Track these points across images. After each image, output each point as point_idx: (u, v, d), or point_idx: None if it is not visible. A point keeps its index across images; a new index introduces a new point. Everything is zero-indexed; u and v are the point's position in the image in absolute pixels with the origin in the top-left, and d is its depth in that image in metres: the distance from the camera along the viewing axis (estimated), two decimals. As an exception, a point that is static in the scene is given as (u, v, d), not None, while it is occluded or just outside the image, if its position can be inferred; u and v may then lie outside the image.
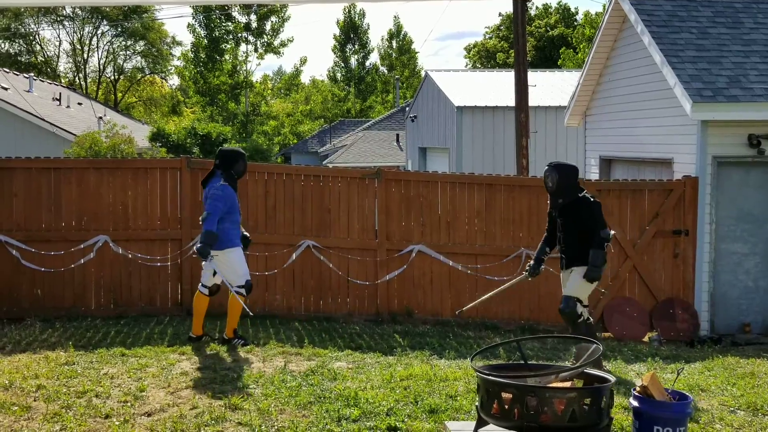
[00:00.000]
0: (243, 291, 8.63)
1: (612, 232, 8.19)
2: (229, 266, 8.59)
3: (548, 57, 54.62)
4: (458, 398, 6.78)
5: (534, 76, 24.39)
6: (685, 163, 12.19)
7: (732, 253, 11.97)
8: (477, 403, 5.49)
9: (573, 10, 60.27)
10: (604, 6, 15.80)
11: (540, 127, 22.68)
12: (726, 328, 11.88)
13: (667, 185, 11.81)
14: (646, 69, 13.35)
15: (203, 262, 8.70)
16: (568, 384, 5.48)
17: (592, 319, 8.45)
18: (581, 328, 8.12)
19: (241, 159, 8.77)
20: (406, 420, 6.18)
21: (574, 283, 8.12)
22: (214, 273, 8.74)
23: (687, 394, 5.54)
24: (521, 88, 16.41)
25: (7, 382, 6.97)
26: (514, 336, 10.31)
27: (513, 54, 19.56)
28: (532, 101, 19.16)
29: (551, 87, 25.75)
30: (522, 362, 5.97)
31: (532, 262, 8.69)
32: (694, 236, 11.71)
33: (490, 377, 5.35)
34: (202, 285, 8.88)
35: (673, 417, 5.30)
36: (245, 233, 8.96)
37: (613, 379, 5.42)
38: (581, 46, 46.12)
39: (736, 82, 11.90)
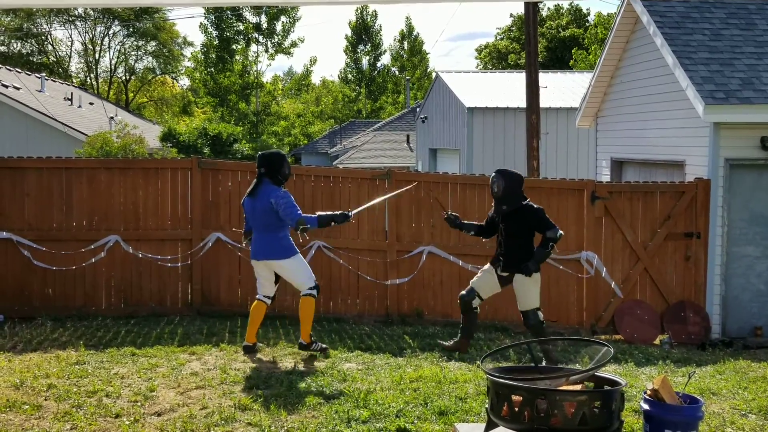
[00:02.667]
0: (315, 292, 8.46)
1: (561, 232, 8.49)
2: (298, 270, 8.42)
3: (559, 58, 54.50)
4: (468, 400, 6.76)
5: (545, 78, 24.35)
6: (697, 166, 12.14)
7: (744, 256, 11.92)
8: (487, 406, 5.47)
9: (585, 11, 60.10)
10: (618, 7, 15.75)
11: (551, 129, 22.63)
12: (737, 332, 11.83)
13: (678, 187, 11.76)
14: (659, 71, 13.31)
15: (257, 272, 8.52)
16: (578, 387, 5.46)
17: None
18: (546, 333, 8.66)
19: (285, 161, 8.49)
20: (415, 421, 6.17)
21: (526, 294, 8.48)
22: (276, 280, 8.57)
23: (698, 397, 5.51)
24: (532, 90, 16.38)
25: (18, 381, 7.00)
26: (525, 338, 10.27)
27: (524, 55, 19.53)
28: (544, 102, 19.14)
29: (562, 88, 25.70)
30: (532, 364, 5.95)
31: (460, 219, 9.04)
32: (706, 239, 11.66)
33: (500, 379, 5.33)
34: (265, 296, 8.57)
35: (684, 420, 5.27)
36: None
37: (623, 382, 5.40)
38: (593, 47, 46.00)
39: (749, 84, 11.85)
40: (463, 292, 8.81)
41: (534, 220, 8.43)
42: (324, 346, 8.65)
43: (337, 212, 8.52)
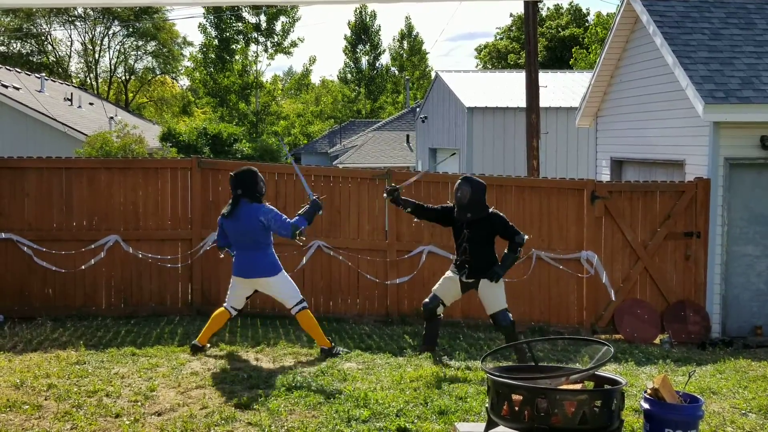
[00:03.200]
0: (305, 304, 8.43)
1: (526, 236, 8.61)
2: (285, 287, 8.40)
3: (559, 58, 54.49)
4: (468, 400, 6.77)
5: (545, 77, 24.35)
6: (696, 165, 12.14)
7: (744, 255, 11.92)
8: (487, 405, 5.47)
9: (585, 10, 60.08)
10: (617, 7, 15.75)
11: (551, 128, 22.63)
12: (737, 331, 11.83)
13: (678, 187, 11.76)
14: (658, 70, 13.31)
15: (236, 288, 8.41)
16: (578, 386, 5.46)
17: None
18: (517, 335, 8.67)
19: (259, 177, 8.37)
20: (415, 421, 6.18)
21: (495, 298, 8.50)
22: (247, 298, 8.53)
23: (698, 396, 5.51)
24: (532, 89, 16.39)
25: (18, 380, 7.00)
26: (525, 337, 10.28)
27: (524, 55, 19.54)
28: (543, 102, 19.14)
29: (562, 88, 25.70)
30: (533, 364, 5.95)
31: (401, 191, 9.03)
32: (706, 238, 11.66)
33: (500, 379, 5.34)
34: (233, 308, 8.48)
35: (684, 420, 5.27)
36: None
37: (623, 381, 5.40)
38: (593, 47, 46.01)
39: (748, 84, 11.85)
40: (426, 300, 8.75)
41: (500, 227, 8.50)
42: (343, 349, 8.74)
43: (307, 206, 8.38)
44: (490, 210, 8.58)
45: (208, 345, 8.55)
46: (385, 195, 8.98)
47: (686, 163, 12.51)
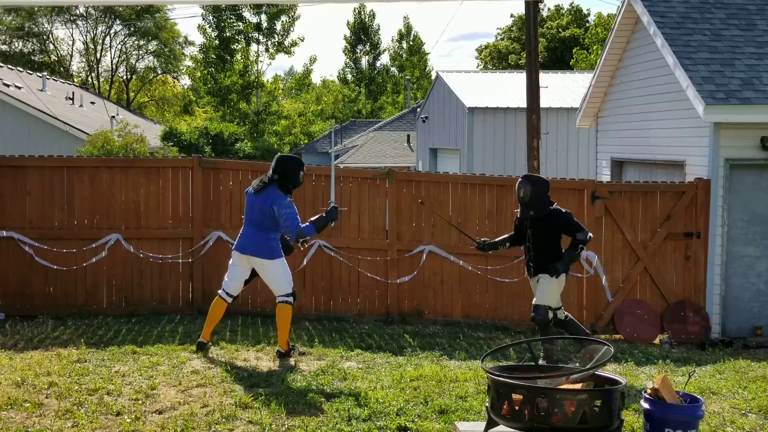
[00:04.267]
0: (291, 299, 8.36)
1: (590, 234, 8.54)
2: (280, 273, 8.32)
3: (560, 58, 54.49)
4: (468, 399, 6.78)
5: (546, 78, 24.36)
6: (697, 166, 12.15)
7: (744, 255, 11.93)
8: (487, 404, 5.49)
9: (585, 11, 60.09)
10: (618, 7, 15.78)
11: (551, 129, 22.63)
12: (737, 331, 11.84)
13: (679, 187, 11.77)
14: (659, 71, 13.32)
15: (234, 267, 8.38)
16: (578, 386, 5.47)
17: (570, 315, 8.85)
18: (551, 332, 8.60)
19: (302, 170, 8.27)
20: (416, 420, 6.19)
21: (544, 291, 8.49)
22: (246, 282, 8.53)
23: (698, 396, 5.52)
24: (533, 90, 16.38)
25: (19, 378, 7.01)
26: (525, 337, 10.30)
27: (525, 55, 19.53)
28: (544, 102, 19.13)
29: (563, 88, 25.71)
30: (533, 363, 5.96)
31: (488, 240, 9.12)
32: (706, 239, 11.67)
33: (500, 378, 5.35)
34: (228, 294, 8.43)
35: (684, 419, 5.28)
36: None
37: (623, 381, 5.41)
38: (594, 47, 46.01)
39: (749, 85, 11.86)
40: (533, 313, 8.57)
41: (563, 224, 8.44)
42: (302, 350, 8.62)
43: (324, 213, 8.38)
44: (552, 207, 8.52)
45: (209, 343, 8.53)
46: (476, 247, 9.11)
47: (686, 163, 12.52)
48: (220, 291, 8.47)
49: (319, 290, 11.24)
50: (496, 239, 9.15)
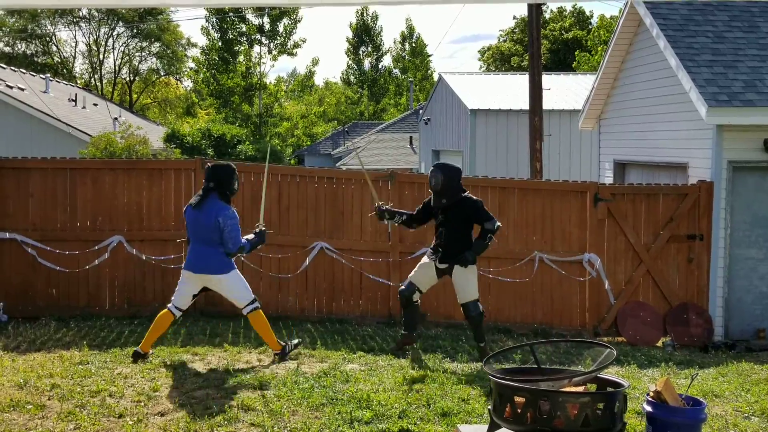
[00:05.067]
0: (257, 304, 8.29)
1: (498, 224, 8.75)
2: (236, 286, 8.23)
3: (562, 60, 54.50)
4: (471, 401, 6.78)
5: (548, 80, 24.36)
6: (700, 168, 12.14)
7: (747, 258, 11.91)
8: (489, 407, 5.48)
9: (588, 13, 60.11)
10: (620, 10, 15.76)
11: (554, 131, 22.63)
12: (740, 334, 11.82)
13: (681, 190, 11.76)
14: (662, 73, 13.31)
15: (184, 283, 8.19)
16: (581, 388, 5.47)
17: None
18: (483, 329, 8.93)
19: (236, 176, 8.23)
20: (418, 422, 6.19)
21: (466, 286, 8.70)
22: (194, 297, 8.30)
23: (701, 399, 5.52)
24: (535, 92, 16.40)
25: (22, 380, 7.02)
26: (527, 339, 10.29)
27: (527, 57, 19.55)
28: (546, 104, 19.15)
29: (565, 90, 25.70)
30: (535, 366, 5.96)
31: (390, 207, 9.20)
32: (709, 241, 11.66)
33: (503, 381, 5.34)
34: (177, 308, 8.20)
35: (687, 423, 5.28)
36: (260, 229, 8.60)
37: (626, 383, 5.41)
38: (597, 49, 46.00)
39: (752, 87, 11.85)
40: (402, 287, 8.91)
41: (472, 211, 8.61)
42: (296, 341, 8.72)
43: (255, 236, 8.40)
44: (464, 194, 8.69)
45: (151, 352, 8.27)
46: (374, 214, 9.21)
47: (689, 166, 12.51)
48: (169, 305, 8.25)
49: (322, 292, 11.24)
50: (396, 210, 9.24)
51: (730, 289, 11.83)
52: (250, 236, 8.39)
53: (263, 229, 8.52)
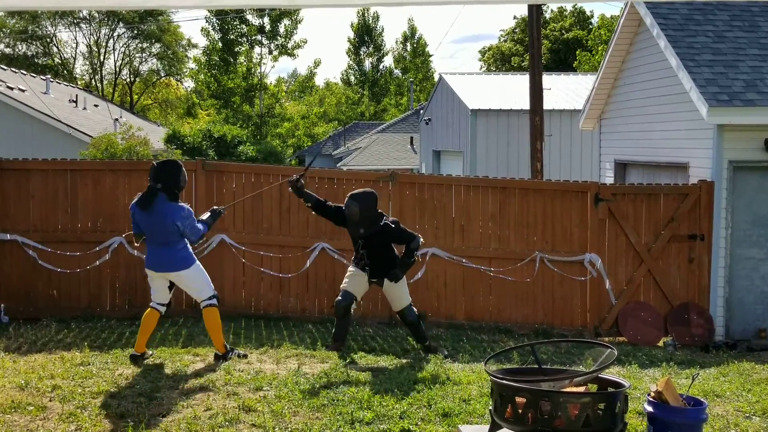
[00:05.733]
0: (215, 301, 8.16)
1: (421, 240, 8.93)
2: (197, 280, 8.12)
3: (563, 60, 54.50)
4: (472, 402, 6.77)
5: (549, 80, 24.36)
6: (700, 168, 12.14)
7: (748, 258, 11.91)
8: (490, 407, 5.48)
9: (588, 13, 60.11)
10: (621, 9, 15.77)
11: (554, 131, 22.64)
12: (741, 334, 11.82)
13: (682, 189, 11.76)
14: (662, 73, 13.31)
15: (152, 280, 8.16)
16: (582, 389, 5.47)
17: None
18: (422, 329, 9.11)
19: (182, 171, 8.03)
20: (419, 423, 6.19)
21: (399, 295, 8.89)
22: (170, 287, 8.24)
23: (702, 399, 5.52)
24: (536, 92, 16.39)
25: (23, 381, 7.02)
26: (528, 340, 10.29)
27: (528, 57, 19.55)
28: (547, 104, 19.16)
29: (566, 90, 25.71)
30: (536, 366, 5.96)
31: (303, 181, 9.04)
32: (710, 241, 11.65)
33: (504, 381, 5.34)
34: (159, 304, 8.17)
35: (688, 423, 5.28)
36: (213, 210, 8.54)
37: (627, 384, 5.41)
38: (599, 48, 46.00)
39: (752, 87, 11.84)
40: (339, 298, 8.90)
41: (395, 237, 8.76)
42: (241, 352, 8.38)
43: (210, 215, 8.38)
44: (382, 222, 8.71)
45: (150, 352, 8.28)
46: (289, 188, 9.06)
47: (690, 165, 12.51)
48: (151, 303, 8.23)
49: (323, 293, 11.24)
50: (310, 192, 9.09)
51: (731, 289, 11.83)
52: (205, 216, 8.33)
53: (218, 209, 8.51)
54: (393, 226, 8.76)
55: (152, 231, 7.96)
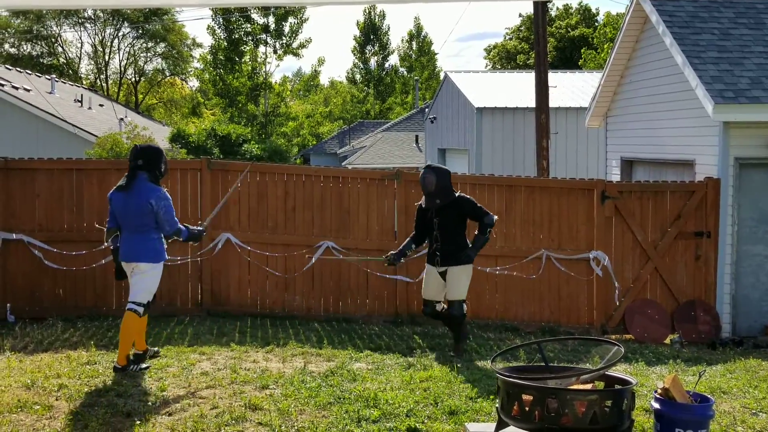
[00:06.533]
0: (141, 310, 7.60)
1: (495, 217, 8.89)
2: (147, 279, 7.64)
3: (569, 58, 54.42)
4: (478, 400, 6.76)
5: (554, 77, 24.32)
6: (707, 165, 12.11)
7: (754, 255, 11.88)
8: (497, 405, 5.47)
9: (594, 10, 60.01)
10: (627, 7, 15.73)
11: (560, 129, 22.60)
12: (748, 331, 11.79)
13: (688, 187, 11.73)
14: (668, 70, 13.28)
15: (133, 278, 7.74)
16: (589, 386, 5.45)
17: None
18: (466, 327, 9.06)
19: (164, 157, 7.80)
20: (426, 421, 6.18)
21: (458, 285, 8.77)
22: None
23: (708, 396, 5.50)
24: (542, 89, 16.37)
25: (29, 381, 7.03)
26: (535, 338, 10.27)
27: (533, 55, 19.54)
28: (553, 102, 19.12)
29: (572, 88, 25.66)
30: (543, 364, 5.94)
31: (394, 252, 9.34)
32: (716, 238, 11.63)
33: (510, 379, 5.33)
34: (140, 304, 7.64)
35: (695, 419, 5.26)
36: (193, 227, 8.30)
37: (634, 381, 5.39)
38: (604, 46, 45.93)
39: (758, 84, 11.81)
40: (424, 307, 8.99)
41: (469, 209, 8.76)
42: (146, 367, 7.64)
43: (195, 228, 8.13)
44: (457, 194, 8.84)
45: (157, 349, 8.24)
46: (387, 264, 9.55)
47: (696, 162, 12.48)
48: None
49: (328, 291, 11.24)
50: (401, 247, 9.34)
51: (738, 286, 11.80)
52: (193, 228, 8.10)
53: (201, 228, 8.29)
54: (468, 197, 8.85)
55: (126, 214, 7.57)
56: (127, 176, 7.68)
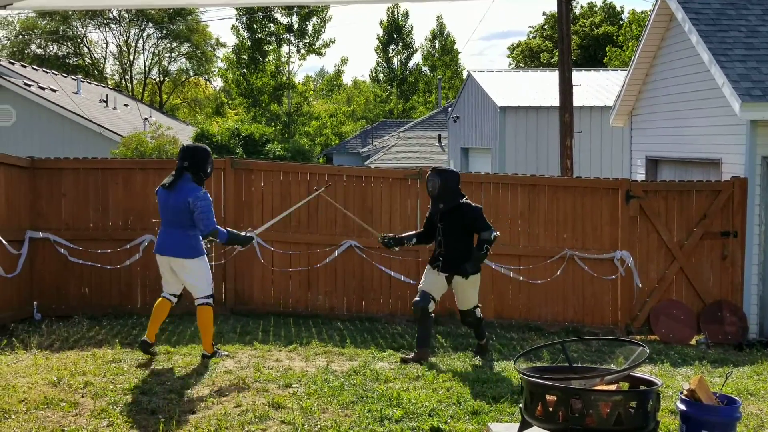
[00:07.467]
0: (211, 301, 7.97)
1: (496, 233, 8.60)
2: (199, 274, 7.92)
3: (593, 56, 54.08)
4: (501, 400, 6.74)
5: (578, 76, 24.18)
6: (733, 164, 11.98)
7: (782, 255, 11.73)
8: (521, 405, 5.44)
9: (619, 8, 59.61)
10: (652, 4, 15.61)
11: (585, 128, 22.47)
12: (775, 332, 11.65)
13: (715, 186, 11.62)
14: (694, 68, 13.16)
15: (161, 268, 8.09)
16: (613, 387, 5.41)
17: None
18: (483, 328, 8.81)
19: (210, 158, 8.00)
20: (449, 421, 6.16)
21: (467, 296, 8.56)
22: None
23: (735, 398, 5.44)
24: (566, 88, 16.28)
25: (55, 378, 7.09)
26: (558, 338, 10.22)
27: (557, 53, 19.44)
28: (577, 101, 19.01)
29: (596, 86, 25.50)
30: (567, 364, 5.91)
31: (393, 235, 9.13)
32: (743, 238, 11.51)
33: (534, 379, 5.30)
34: (171, 294, 8.11)
35: (721, 421, 5.21)
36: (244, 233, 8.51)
37: (659, 382, 5.34)
38: (629, 44, 45.61)
39: (786, 81, 11.66)
40: (417, 298, 8.53)
41: (470, 219, 8.43)
42: (226, 353, 8.23)
43: (242, 234, 8.31)
44: (463, 200, 8.55)
45: (155, 344, 8.31)
46: (379, 242, 9.21)
47: (723, 162, 12.35)
48: (163, 292, 8.20)
49: (351, 290, 11.24)
50: (402, 235, 9.13)
51: (765, 287, 11.66)
52: (235, 232, 8.28)
53: (251, 235, 8.43)
54: (473, 206, 8.55)
55: (168, 210, 7.84)
56: (173, 174, 7.93)
